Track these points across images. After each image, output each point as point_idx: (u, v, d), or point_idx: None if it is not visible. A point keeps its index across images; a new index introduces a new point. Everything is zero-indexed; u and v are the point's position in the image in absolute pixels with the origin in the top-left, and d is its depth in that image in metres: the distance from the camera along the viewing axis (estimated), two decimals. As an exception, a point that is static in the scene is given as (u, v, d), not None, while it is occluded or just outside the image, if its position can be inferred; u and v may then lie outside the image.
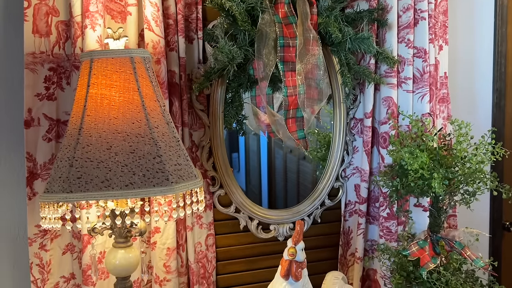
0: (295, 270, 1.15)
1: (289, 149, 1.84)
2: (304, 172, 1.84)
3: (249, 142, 1.78)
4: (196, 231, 1.56)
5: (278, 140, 1.75)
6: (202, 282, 1.56)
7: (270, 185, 1.82)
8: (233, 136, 1.73)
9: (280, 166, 1.84)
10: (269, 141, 1.80)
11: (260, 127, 1.73)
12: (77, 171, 1.01)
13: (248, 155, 1.76)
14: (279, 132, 1.58)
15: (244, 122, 1.60)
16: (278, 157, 1.83)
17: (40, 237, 1.36)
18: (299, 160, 1.84)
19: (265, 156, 1.80)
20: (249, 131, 1.75)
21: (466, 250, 1.48)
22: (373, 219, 1.76)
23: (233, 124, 1.57)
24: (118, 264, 1.16)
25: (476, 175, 1.41)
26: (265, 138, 1.79)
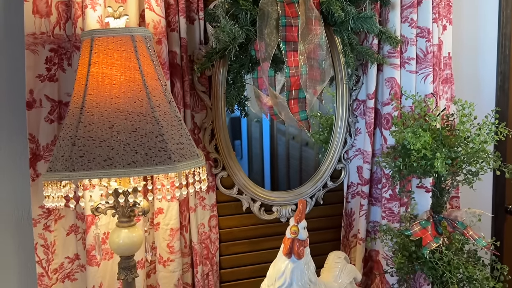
0: (298, 248, 1.15)
1: (291, 136, 1.84)
2: (306, 158, 1.83)
3: (251, 129, 1.77)
4: (199, 212, 1.56)
5: (280, 122, 1.75)
6: (206, 262, 1.57)
7: (273, 171, 1.81)
8: (235, 124, 1.72)
9: (282, 153, 1.84)
10: (271, 128, 1.80)
11: (262, 110, 1.72)
12: (79, 150, 1.01)
13: (251, 142, 1.76)
14: (281, 113, 1.57)
15: (246, 103, 1.59)
16: (281, 143, 1.83)
17: (44, 218, 1.37)
18: (302, 147, 1.84)
19: (267, 143, 1.80)
20: (251, 118, 1.75)
21: (469, 230, 1.48)
22: (375, 201, 1.76)
23: (235, 106, 1.56)
24: (121, 244, 1.17)
25: (479, 154, 1.41)
26: (267, 125, 1.79)
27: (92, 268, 1.39)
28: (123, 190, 1.12)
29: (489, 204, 2.24)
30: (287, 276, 1.15)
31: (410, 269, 1.49)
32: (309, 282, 1.17)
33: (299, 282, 1.15)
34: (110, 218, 1.39)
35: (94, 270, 1.39)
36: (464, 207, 1.68)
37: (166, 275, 1.47)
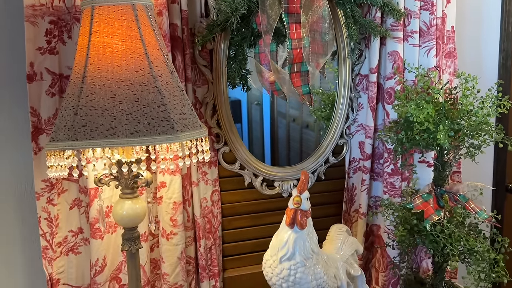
0: (300, 218, 1.16)
1: (292, 118, 1.83)
2: (307, 140, 1.82)
3: (252, 112, 1.77)
4: (201, 187, 1.57)
5: (282, 98, 1.74)
6: (208, 236, 1.59)
7: (273, 155, 1.80)
8: (236, 107, 1.72)
9: (283, 136, 1.84)
10: (272, 111, 1.79)
11: (263, 85, 1.71)
12: (81, 119, 1.01)
13: (251, 126, 1.75)
14: (284, 87, 1.56)
15: (247, 77, 1.57)
16: (281, 126, 1.82)
17: (47, 191, 1.38)
18: (302, 129, 1.83)
19: (268, 126, 1.79)
20: (251, 101, 1.74)
21: (470, 203, 1.49)
22: (377, 176, 1.76)
23: (237, 79, 1.55)
24: (125, 215, 1.17)
25: (482, 127, 1.41)
26: (268, 108, 1.78)
27: (96, 241, 1.40)
28: (126, 161, 1.12)
29: (489, 182, 2.25)
30: (289, 246, 1.15)
31: (411, 242, 1.50)
32: (312, 252, 1.18)
33: (302, 252, 1.16)
34: (113, 191, 1.40)
35: (97, 243, 1.40)
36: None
37: (170, 248, 1.49)
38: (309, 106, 1.57)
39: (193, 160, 1.10)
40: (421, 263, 1.78)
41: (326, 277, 1.19)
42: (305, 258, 1.16)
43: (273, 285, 1.21)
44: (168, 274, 1.49)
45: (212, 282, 1.60)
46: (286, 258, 1.16)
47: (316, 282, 1.16)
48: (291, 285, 1.16)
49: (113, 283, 1.47)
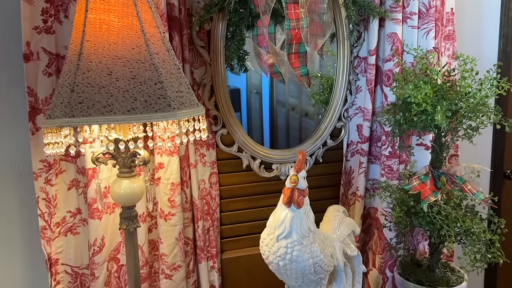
0: (297, 197, 1.16)
1: (291, 107, 1.83)
2: (306, 129, 1.82)
3: (251, 101, 1.76)
4: (199, 168, 1.57)
5: (280, 81, 1.73)
6: (207, 218, 1.59)
7: (272, 142, 1.80)
8: (235, 95, 1.71)
9: (282, 124, 1.84)
10: (271, 100, 1.79)
11: (262, 68, 1.70)
12: (78, 96, 1.01)
13: (250, 114, 1.75)
14: (282, 68, 1.55)
15: (245, 58, 1.57)
16: (280, 115, 1.82)
17: (45, 172, 1.38)
18: (301, 117, 1.83)
19: (267, 115, 1.79)
20: (251, 90, 1.74)
21: (467, 184, 1.49)
22: (374, 159, 1.77)
23: (234, 60, 1.54)
24: (123, 193, 1.18)
25: (480, 108, 1.40)
26: (267, 97, 1.78)
27: (94, 221, 1.41)
28: (123, 139, 1.12)
29: (486, 179, 2.26)
30: (286, 225, 1.16)
31: (408, 224, 1.51)
32: (308, 231, 1.18)
33: (299, 230, 1.16)
34: (112, 172, 1.40)
35: (96, 223, 1.41)
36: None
37: (168, 229, 1.49)
38: (307, 88, 1.56)
39: (190, 139, 1.10)
40: (418, 246, 1.79)
41: (322, 256, 1.19)
42: (302, 237, 1.16)
43: (270, 263, 1.22)
44: (166, 255, 1.50)
45: (210, 263, 1.61)
46: (283, 237, 1.16)
47: (313, 261, 1.17)
48: (287, 263, 1.17)
49: (111, 263, 1.48)
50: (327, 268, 1.23)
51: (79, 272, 1.48)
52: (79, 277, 1.48)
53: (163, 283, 1.52)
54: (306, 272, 1.18)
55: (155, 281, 1.57)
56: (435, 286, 1.53)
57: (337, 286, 1.37)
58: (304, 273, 1.18)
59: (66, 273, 1.46)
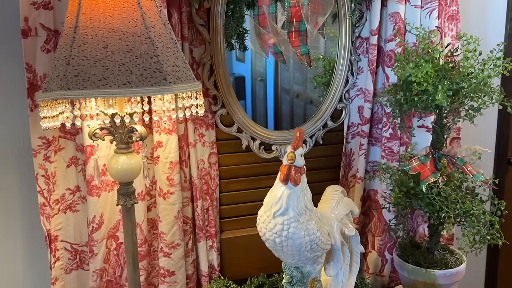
0: (294, 174, 1.16)
1: (295, 94, 1.81)
2: (310, 116, 1.80)
3: (256, 88, 1.76)
4: (198, 148, 1.57)
5: (281, 62, 1.72)
6: (206, 198, 1.60)
7: (276, 128, 1.79)
8: (240, 83, 1.71)
9: (287, 112, 1.83)
10: (276, 87, 1.78)
11: (263, 49, 1.69)
12: (74, 69, 1.00)
13: (255, 102, 1.73)
14: (283, 48, 1.54)
15: (245, 36, 1.55)
16: (285, 102, 1.81)
17: (44, 148, 1.38)
18: (306, 105, 1.82)
19: (271, 102, 1.78)
20: (255, 77, 1.73)
21: (467, 165, 1.48)
22: (375, 141, 1.76)
23: (234, 38, 1.53)
24: (120, 169, 1.18)
25: (482, 88, 1.38)
26: (272, 84, 1.77)
27: (93, 198, 1.42)
28: (120, 114, 1.12)
29: (491, 155, 2.23)
30: (283, 202, 1.16)
31: (407, 205, 1.51)
32: (305, 208, 1.18)
33: (295, 207, 1.16)
34: (110, 150, 1.40)
35: (94, 201, 1.42)
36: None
37: (166, 207, 1.50)
38: (307, 67, 1.55)
39: (187, 114, 1.09)
40: (418, 229, 1.79)
41: (319, 234, 1.19)
42: (298, 214, 1.16)
43: (266, 240, 1.22)
44: (165, 233, 1.51)
45: (209, 243, 1.62)
46: (280, 214, 1.16)
47: (309, 238, 1.17)
48: (284, 240, 1.17)
49: (110, 240, 1.49)
50: (323, 246, 1.22)
51: (79, 249, 1.49)
52: (79, 254, 1.50)
53: (162, 261, 1.53)
54: (302, 249, 1.18)
55: (154, 259, 1.58)
56: (434, 268, 1.52)
57: (334, 266, 1.37)
58: (300, 250, 1.18)
59: (66, 250, 1.47)
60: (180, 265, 1.55)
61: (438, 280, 1.51)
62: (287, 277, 1.29)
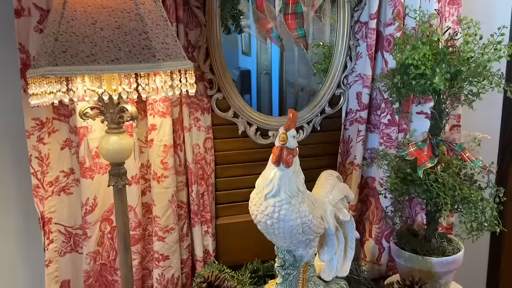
0: (286, 156, 1.14)
1: (300, 87, 1.79)
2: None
3: (261, 82, 1.75)
4: (194, 133, 1.56)
5: (279, 47, 1.70)
6: (201, 183, 1.59)
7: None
8: (245, 77, 1.71)
9: (291, 103, 1.82)
10: (281, 80, 1.77)
11: (261, 34, 1.67)
12: (62, 45, 0.99)
13: (260, 96, 1.72)
14: (278, 30, 1.52)
15: (240, 18, 1.53)
16: (289, 95, 1.80)
17: (37, 130, 1.38)
18: (309, 97, 1.79)
19: (276, 96, 1.77)
20: (261, 71, 1.73)
21: (466, 151, 1.45)
22: (373, 127, 1.73)
23: (229, 20, 1.51)
24: (111, 149, 1.17)
25: (482, 72, 1.35)
26: (277, 77, 1.76)
27: (86, 181, 1.41)
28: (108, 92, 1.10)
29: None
30: (274, 183, 1.14)
31: (404, 191, 1.48)
32: (297, 191, 1.16)
33: (287, 190, 1.14)
34: (102, 132, 1.39)
35: (88, 183, 1.41)
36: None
37: (161, 191, 1.49)
38: (304, 50, 1.53)
39: (176, 92, 1.08)
40: (416, 217, 1.76)
41: (311, 217, 1.18)
42: (290, 196, 1.15)
43: (258, 222, 1.21)
44: (159, 217, 1.50)
45: (204, 228, 1.61)
46: (271, 195, 1.15)
47: (301, 220, 1.16)
48: (275, 222, 1.15)
49: (104, 224, 1.49)
50: (316, 230, 1.21)
51: (73, 232, 1.49)
52: (73, 237, 1.49)
53: (156, 245, 1.52)
54: (294, 232, 1.16)
55: (148, 244, 1.57)
56: (430, 255, 1.50)
57: (329, 251, 1.35)
58: (292, 232, 1.16)
59: (60, 232, 1.47)
60: (174, 250, 1.54)
61: (435, 267, 1.49)
62: (279, 260, 1.28)
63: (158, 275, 1.54)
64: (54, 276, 1.46)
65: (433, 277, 1.50)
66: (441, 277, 1.51)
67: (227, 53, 1.57)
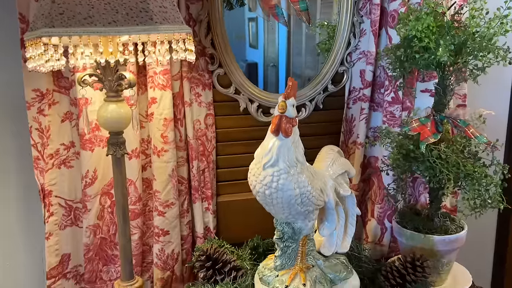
0: (285, 125, 1.13)
1: (307, 78, 1.78)
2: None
3: (268, 74, 1.75)
4: (194, 108, 1.55)
5: (283, 23, 1.68)
6: (202, 159, 1.58)
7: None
8: (253, 69, 1.70)
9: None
10: (287, 72, 1.77)
11: (264, 11, 1.65)
12: (59, 7, 0.98)
13: (267, 89, 1.70)
14: (280, 3, 1.50)
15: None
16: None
17: (37, 101, 1.38)
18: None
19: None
20: (267, 63, 1.72)
21: (470, 127, 1.43)
22: (377, 106, 1.71)
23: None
24: (109, 117, 1.17)
25: (487, 45, 1.33)
26: (283, 69, 1.76)
27: (86, 153, 1.41)
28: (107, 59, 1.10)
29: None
30: (273, 153, 1.13)
31: (406, 168, 1.46)
32: (296, 161, 1.15)
33: (286, 159, 1.13)
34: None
35: (88, 155, 1.41)
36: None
37: (161, 165, 1.49)
38: (306, 24, 1.51)
39: (174, 57, 1.07)
40: (419, 198, 1.74)
41: (310, 188, 1.16)
42: (289, 166, 1.13)
43: (257, 193, 1.19)
44: (160, 191, 1.50)
45: (205, 205, 1.61)
46: (270, 165, 1.13)
47: (300, 191, 1.14)
48: (273, 191, 1.14)
49: (104, 197, 1.49)
50: (315, 201, 1.19)
51: (73, 205, 1.49)
52: (73, 211, 1.50)
53: (156, 220, 1.52)
54: (292, 202, 1.15)
55: (149, 219, 1.57)
56: (433, 234, 1.48)
57: (329, 225, 1.34)
58: (291, 203, 1.15)
59: (60, 205, 1.47)
60: (175, 225, 1.54)
61: (437, 246, 1.47)
62: (278, 233, 1.27)
63: (158, 250, 1.54)
64: (54, 249, 1.47)
65: (435, 255, 1.48)
66: (443, 256, 1.49)
67: (234, 46, 1.57)
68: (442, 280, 1.55)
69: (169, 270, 1.56)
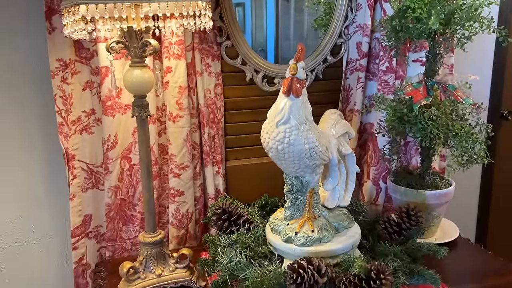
0: (296, 86, 1.25)
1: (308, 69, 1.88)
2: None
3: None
4: (205, 77, 1.66)
5: (284, 1, 1.80)
6: (212, 126, 1.70)
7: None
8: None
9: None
10: (276, 57, 1.84)
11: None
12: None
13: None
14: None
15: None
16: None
17: (61, 70, 1.48)
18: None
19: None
20: (256, 47, 1.77)
21: (457, 91, 1.58)
22: (372, 76, 1.85)
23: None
24: (134, 81, 1.27)
25: (473, 15, 1.47)
26: (272, 54, 1.83)
27: (108, 118, 1.52)
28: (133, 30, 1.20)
29: (487, 93, 2.33)
30: (285, 112, 1.25)
31: (401, 129, 1.61)
32: (305, 119, 1.28)
33: (296, 118, 1.26)
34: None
35: (109, 120, 1.52)
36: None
37: (176, 130, 1.60)
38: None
39: (191, 23, 1.18)
40: (411, 160, 1.90)
41: (318, 143, 1.30)
42: (299, 123, 1.26)
43: (269, 149, 1.32)
44: (175, 155, 1.62)
45: (216, 168, 1.73)
46: (282, 122, 1.26)
47: (309, 146, 1.27)
48: (285, 146, 1.27)
49: (124, 161, 1.60)
50: (322, 156, 1.33)
51: (94, 169, 1.60)
52: (94, 174, 1.61)
53: (171, 182, 1.64)
54: (302, 156, 1.28)
55: (164, 182, 1.69)
56: (424, 189, 1.64)
57: (332, 181, 1.47)
58: (301, 156, 1.28)
59: (82, 169, 1.58)
60: (189, 186, 1.66)
61: (428, 200, 1.63)
62: (288, 186, 1.41)
63: (173, 210, 1.66)
64: (77, 210, 1.58)
65: (427, 209, 1.64)
66: (434, 209, 1.65)
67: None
68: (432, 232, 1.71)
69: (183, 228, 1.69)
